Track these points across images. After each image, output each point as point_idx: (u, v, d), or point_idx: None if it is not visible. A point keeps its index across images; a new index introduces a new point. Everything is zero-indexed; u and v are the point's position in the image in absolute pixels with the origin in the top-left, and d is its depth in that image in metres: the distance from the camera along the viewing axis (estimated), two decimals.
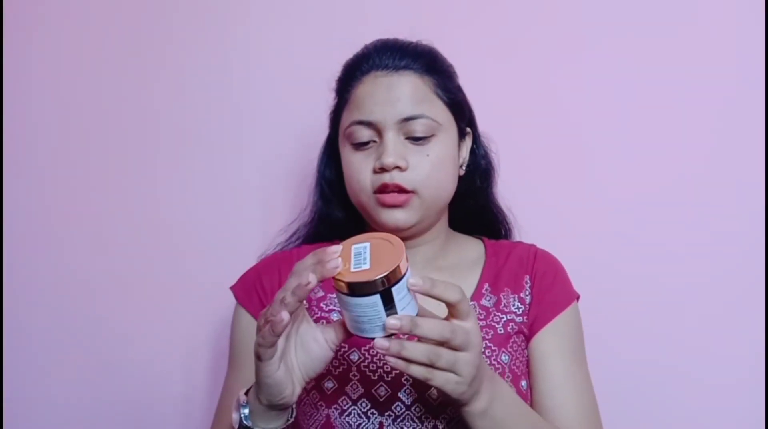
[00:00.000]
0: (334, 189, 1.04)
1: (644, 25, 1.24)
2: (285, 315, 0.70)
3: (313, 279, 0.70)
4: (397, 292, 0.71)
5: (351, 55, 0.99)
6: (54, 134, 1.34)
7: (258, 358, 0.74)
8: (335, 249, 0.73)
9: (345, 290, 0.71)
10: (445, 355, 0.72)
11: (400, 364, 0.72)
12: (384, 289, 0.71)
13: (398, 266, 0.71)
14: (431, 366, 0.72)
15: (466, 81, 1.01)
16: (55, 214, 1.33)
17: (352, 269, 0.72)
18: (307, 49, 1.30)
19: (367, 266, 0.72)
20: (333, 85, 1.01)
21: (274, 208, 1.27)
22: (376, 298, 0.71)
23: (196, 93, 1.32)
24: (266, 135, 1.31)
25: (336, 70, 1.00)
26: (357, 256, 0.73)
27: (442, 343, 0.72)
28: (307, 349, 0.77)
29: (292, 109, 1.29)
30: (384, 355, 0.72)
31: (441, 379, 0.73)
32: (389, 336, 0.73)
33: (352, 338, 0.77)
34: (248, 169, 1.31)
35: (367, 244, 0.75)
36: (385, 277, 0.70)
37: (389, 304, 0.71)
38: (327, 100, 1.02)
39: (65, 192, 1.33)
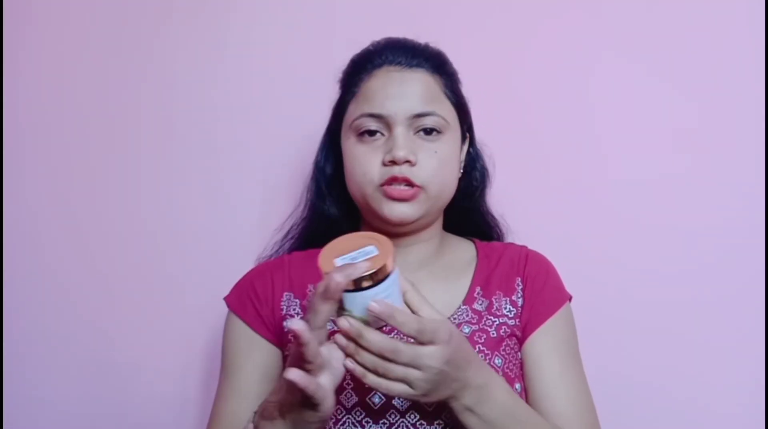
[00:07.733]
0: (330, 185, 1.04)
1: (639, 32, 1.23)
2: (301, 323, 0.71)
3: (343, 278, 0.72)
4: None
5: (349, 54, 1.00)
6: (50, 137, 1.33)
7: (318, 404, 0.74)
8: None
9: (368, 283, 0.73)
10: (394, 369, 0.73)
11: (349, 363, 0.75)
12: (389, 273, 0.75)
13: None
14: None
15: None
16: (53, 217, 1.33)
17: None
18: (305, 48, 1.29)
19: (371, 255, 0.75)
20: (338, 77, 1.01)
21: (271, 209, 1.26)
22: (393, 279, 0.75)
23: (190, 95, 1.31)
24: (263, 137, 1.30)
25: (334, 69, 1.00)
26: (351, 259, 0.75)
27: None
28: (330, 367, 0.76)
29: (289, 113, 1.28)
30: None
31: (385, 385, 0.75)
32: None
33: None
34: (245, 172, 1.30)
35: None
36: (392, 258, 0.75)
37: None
38: (325, 100, 1.01)
39: (63, 194, 1.33)
